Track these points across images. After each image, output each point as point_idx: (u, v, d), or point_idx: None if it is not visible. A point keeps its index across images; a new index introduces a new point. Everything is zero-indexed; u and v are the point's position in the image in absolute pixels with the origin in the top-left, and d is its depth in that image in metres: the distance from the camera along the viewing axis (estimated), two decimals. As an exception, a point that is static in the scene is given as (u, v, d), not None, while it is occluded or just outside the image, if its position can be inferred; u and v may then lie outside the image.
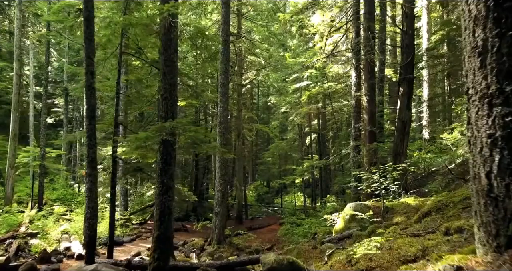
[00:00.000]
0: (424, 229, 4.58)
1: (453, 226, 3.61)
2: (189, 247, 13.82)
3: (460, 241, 3.14)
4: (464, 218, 4.39)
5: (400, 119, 12.61)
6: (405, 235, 4.33)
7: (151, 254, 6.70)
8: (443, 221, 4.88)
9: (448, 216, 5.01)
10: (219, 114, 14.67)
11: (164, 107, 7.07)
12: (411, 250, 3.35)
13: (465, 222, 3.52)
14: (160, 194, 6.91)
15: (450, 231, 3.59)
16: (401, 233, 4.61)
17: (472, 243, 2.80)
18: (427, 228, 4.60)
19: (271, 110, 39.47)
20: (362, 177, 9.43)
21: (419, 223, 5.57)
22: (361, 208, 8.60)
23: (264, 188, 34.59)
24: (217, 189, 14.51)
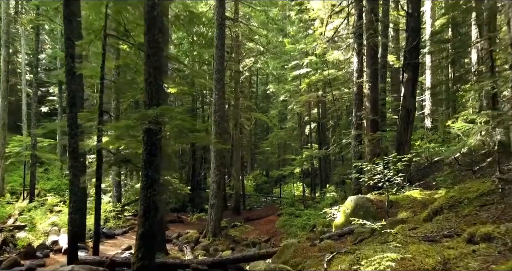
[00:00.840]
0: (438, 230, 4.00)
1: (479, 233, 3.02)
2: (183, 240, 13.32)
3: (492, 254, 2.57)
4: (487, 220, 3.80)
5: (404, 107, 11.97)
6: (417, 239, 3.75)
7: (135, 253, 6.15)
8: (459, 221, 4.30)
9: (464, 215, 4.42)
10: (214, 102, 14.03)
11: (148, 93, 6.43)
12: (429, 262, 2.78)
13: (494, 228, 2.94)
14: (145, 188, 6.32)
15: (475, 238, 3.01)
16: (411, 236, 4.03)
17: (509, 258, 2.19)
18: (441, 229, 4.02)
19: (270, 99, 38.75)
20: (364, 169, 8.83)
21: (429, 221, 4.99)
22: (363, 201, 8.03)
23: (263, 178, 34.09)
24: (213, 180, 13.95)
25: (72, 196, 7.62)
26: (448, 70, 22.93)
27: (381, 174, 8.23)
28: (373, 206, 7.88)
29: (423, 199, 7.47)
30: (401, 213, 7.15)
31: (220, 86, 13.89)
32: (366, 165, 8.75)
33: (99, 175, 8.52)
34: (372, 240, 6.06)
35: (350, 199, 8.38)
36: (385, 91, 18.61)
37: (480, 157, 10.41)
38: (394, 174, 8.39)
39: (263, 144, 28.57)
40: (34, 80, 19.60)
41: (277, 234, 16.85)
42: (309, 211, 17.48)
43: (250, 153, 35.91)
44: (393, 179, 8.50)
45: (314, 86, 23.35)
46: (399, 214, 7.14)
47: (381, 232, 6.09)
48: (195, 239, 13.39)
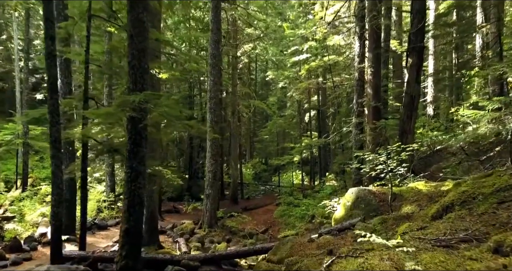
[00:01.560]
0: (452, 232, 3.51)
1: (508, 241, 2.53)
2: (178, 231, 12.92)
3: (531, 274, 2.11)
4: (509, 220, 3.31)
5: (408, 94, 11.41)
6: (429, 243, 3.27)
7: (119, 251, 5.70)
8: (474, 221, 3.81)
9: (480, 214, 3.94)
10: (209, 88, 13.46)
11: (132, 78, 5.89)
12: (449, 278, 2.31)
13: (529, 238, 2.45)
14: (129, 181, 5.83)
15: (503, 248, 2.52)
16: (422, 238, 3.55)
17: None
18: (455, 231, 3.53)
19: (270, 86, 38.10)
20: (366, 158, 8.33)
21: (439, 219, 4.51)
22: (365, 194, 7.56)
23: (262, 166, 33.67)
24: (208, 169, 13.48)
25: (54, 189, 7.13)
26: (452, 56, 22.27)
27: (383, 164, 7.74)
28: (375, 198, 7.42)
29: (429, 192, 6.99)
30: (405, 206, 6.68)
31: (215, 71, 13.30)
32: (368, 155, 8.25)
33: (84, 166, 8.04)
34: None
35: (351, 191, 7.92)
36: (387, 77, 18.01)
37: (487, 146, 9.92)
38: (398, 164, 7.90)
39: (262, 132, 28.07)
40: (25, 66, 18.94)
41: (275, 224, 16.48)
42: (307, 200, 17.08)
43: (249, 141, 35.43)
44: (396, 169, 8.03)
45: (314, 73, 22.74)
46: (403, 208, 6.67)
47: (385, 230, 5.63)
48: (190, 230, 12.99)
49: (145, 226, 10.47)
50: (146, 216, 10.44)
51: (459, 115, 19.50)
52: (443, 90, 24.40)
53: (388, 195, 7.37)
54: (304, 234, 13.34)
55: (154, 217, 10.56)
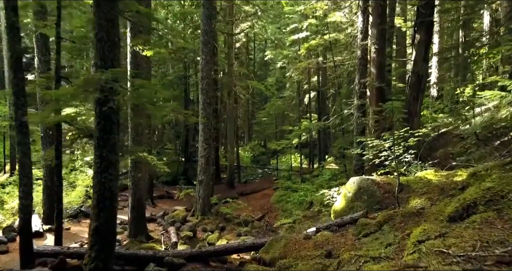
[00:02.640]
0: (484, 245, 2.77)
1: None
2: (169, 219, 12.27)
3: None
4: None
5: (415, 73, 10.57)
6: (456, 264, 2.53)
7: (88, 251, 5.01)
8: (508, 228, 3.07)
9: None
10: (201, 67, 12.55)
11: (99, 53, 5.04)
12: None
13: None
14: (99, 172, 5.07)
15: None
16: (444, 252, 2.81)
17: None
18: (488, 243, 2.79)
19: (269, 67, 36.99)
20: (370, 145, 7.56)
21: (459, 221, 3.77)
22: (368, 184, 6.82)
23: (261, 149, 32.96)
24: (201, 154, 12.74)
25: (22, 179, 6.39)
26: (459, 34, 21.17)
27: (388, 150, 6.98)
28: (379, 189, 6.69)
29: (440, 182, 6.25)
30: (413, 199, 5.95)
31: (207, 49, 12.37)
32: (371, 140, 7.48)
33: (58, 153, 7.27)
34: (380, 236, 4.88)
35: (352, 180, 7.18)
36: (391, 56, 17.04)
37: (501, 130, 9.12)
38: (404, 150, 7.16)
39: (260, 114, 27.19)
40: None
41: (272, 210, 15.87)
42: (306, 185, 16.42)
43: (248, 123, 34.65)
44: (402, 156, 7.28)
45: (313, 52, 21.72)
46: (411, 201, 5.94)
47: (393, 229, 4.91)
48: (182, 218, 12.35)
49: (130, 215, 9.84)
50: (133, 205, 9.78)
51: (465, 96, 18.63)
52: (448, 70, 23.43)
53: (394, 185, 6.63)
54: (302, 222, 12.75)
55: (141, 205, 9.89)
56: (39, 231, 9.81)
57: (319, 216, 11.55)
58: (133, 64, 9.50)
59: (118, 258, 6.69)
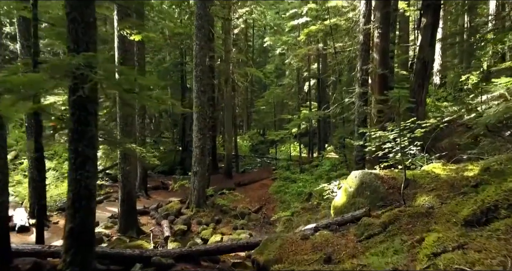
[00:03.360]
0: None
1: None
2: (162, 211, 11.84)
3: None
4: None
5: (420, 59, 10.00)
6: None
7: (63, 255, 4.55)
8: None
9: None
10: (195, 54, 11.96)
11: (72, 35, 4.49)
12: None
13: None
14: (74, 169, 4.58)
15: None
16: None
17: None
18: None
19: (268, 54, 36.23)
20: (372, 135, 7.05)
21: (477, 227, 3.29)
22: (371, 179, 6.33)
23: (259, 137, 32.46)
24: (195, 144, 12.24)
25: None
26: (464, 19, 20.43)
27: (393, 142, 6.47)
28: (382, 185, 6.20)
29: (449, 177, 5.76)
30: (420, 196, 5.46)
31: (202, 34, 11.75)
32: (374, 131, 6.96)
33: (38, 146, 6.76)
34: (385, 239, 4.41)
35: (354, 174, 6.68)
36: (394, 42, 16.40)
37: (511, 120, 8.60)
38: (409, 142, 6.65)
39: (258, 102, 26.57)
40: None
41: (270, 201, 15.45)
42: (305, 176, 15.97)
43: (246, 111, 34.07)
44: (407, 149, 6.78)
45: (313, 38, 21.03)
46: (418, 198, 5.46)
47: (399, 231, 4.43)
48: (177, 210, 11.92)
49: (120, 209, 9.40)
50: (122, 198, 9.33)
51: (470, 84, 18.02)
52: (452, 57, 22.79)
53: (399, 180, 6.15)
54: (301, 214, 12.33)
55: (131, 198, 9.43)
56: (25, 226, 9.38)
57: (318, 208, 11.11)
58: (121, 49, 8.93)
59: (103, 257, 6.27)
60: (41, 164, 7.02)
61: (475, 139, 9.16)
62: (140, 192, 14.40)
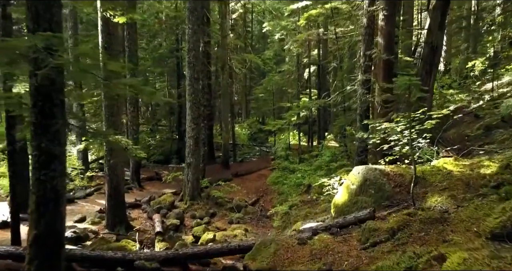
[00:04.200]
0: None
1: None
2: (155, 204, 11.31)
3: None
4: None
5: (429, 44, 9.32)
6: None
7: (25, 266, 4.01)
8: None
9: None
10: (188, 38, 11.25)
11: (31, 13, 3.83)
12: None
13: None
14: (37, 168, 3.98)
15: None
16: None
17: None
18: None
19: (267, 40, 35.33)
20: (378, 127, 6.44)
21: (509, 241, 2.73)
22: (375, 175, 5.75)
23: (258, 126, 31.81)
24: (189, 134, 11.65)
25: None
26: (471, 3, 19.56)
27: (399, 134, 5.87)
28: (388, 182, 5.62)
29: (463, 175, 5.19)
30: (432, 197, 4.90)
31: (195, 18, 11.02)
32: (379, 123, 6.35)
33: (11, 139, 6.16)
34: (394, 250, 3.85)
35: (357, 170, 6.10)
36: (399, 26, 15.62)
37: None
38: (417, 134, 6.06)
39: (257, 89, 25.83)
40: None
41: (268, 192, 14.95)
42: (304, 166, 15.41)
43: (245, 99, 33.37)
44: (415, 142, 6.18)
45: (314, 23, 20.20)
46: (429, 199, 4.89)
47: (410, 240, 3.87)
48: (169, 203, 11.39)
49: (108, 204, 8.87)
50: (109, 193, 8.78)
51: (476, 70, 17.26)
52: (458, 42, 21.99)
53: (407, 177, 5.57)
54: (299, 207, 11.80)
55: (119, 193, 8.89)
56: (6, 221, 8.84)
57: (317, 201, 10.59)
58: (105, 33, 8.24)
59: (83, 260, 5.74)
60: (23, 157, 6.47)
61: (487, 130, 8.56)
62: (133, 183, 13.89)
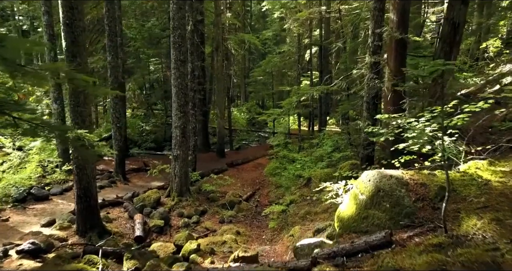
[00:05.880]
0: None
1: None
2: (138, 202, 10.20)
3: None
4: None
5: (449, 20, 7.98)
6: None
7: None
8: None
9: None
10: (172, 15, 9.92)
11: None
12: None
13: None
14: None
15: None
16: None
17: None
18: None
19: (266, 19, 33.64)
20: (391, 122, 5.23)
21: None
22: (391, 185, 4.57)
23: (258, 109, 30.52)
24: (175, 124, 10.45)
25: None
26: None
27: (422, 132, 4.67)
28: (408, 194, 4.44)
29: (506, 186, 4.01)
30: (468, 218, 3.73)
31: (180, -9, 9.65)
32: (394, 117, 5.14)
33: None
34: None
35: (367, 176, 4.91)
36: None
37: None
38: (439, 131, 4.86)
39: (255, 72, 24.42)
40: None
41: (264, 185, 13.86)
42: (304, 157, 14.25)
43: (244, 82, 31.99)
44: (439, 140, 4.97)
45: (316, 0, 18.72)
46: (463, 222, 3.73)
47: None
48: (155, 200, 10.28)
49: (77, 207, 7.75)
50: (78, 194, 7.66)
51: (491, 51, 15.85)
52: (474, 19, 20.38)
53: (431, 188, 4.41)
54: (298, 205, 10.69)
55: (90, 194, 7.74)
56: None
57: (317, 200, 9.51)
58: (66, 7, 6.94)
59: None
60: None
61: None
62: (117, 176, 12.78)
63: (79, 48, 7.26)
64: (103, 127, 20.58)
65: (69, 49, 7.15)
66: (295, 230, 7.70)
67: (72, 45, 7.17)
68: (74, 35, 7.14)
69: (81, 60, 7.27)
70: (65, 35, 7.13)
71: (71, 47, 7.17)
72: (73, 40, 7.16)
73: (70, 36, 7.13)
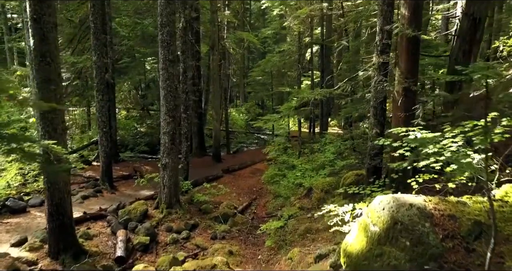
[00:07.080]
0: None
1: None
2: (123, 214, 9.33)
3: None
4: None
5: (468, 16, 7.12)
6: None
7: None
8: None
9: None
10: (160, 11, 9.02)
11: None
12: None
13: None
14: None
15: None
16: None
17: None
18: None
19: (266, 17, 32.80)
20: (405, 134, 4.34)
21: None
22: (411, 217, 3.68)
23: (257, 110, 29.64)
24: (163, 130, 9.58)
25: None
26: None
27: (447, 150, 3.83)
28: (434, 230, 3.55)
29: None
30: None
31: (167, -16, 8.77)
32: (412, 131, 4.26)
33: None
34: None
35: (380, 203, 4.01)
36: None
37: None
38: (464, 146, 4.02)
39: (253, 72, 23.52)
40: None
41: (262, 194, 13.01)
42: (304, 164, 13.34)
43: (243, 82, 31.17)
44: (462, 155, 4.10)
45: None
46: None
47: None
48: (141, 212, 9.40)
49: (48, 226, 6.90)
50: (50, 211, 6.81)
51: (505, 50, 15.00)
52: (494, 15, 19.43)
53: (462, 222, 3.56)
54: (297, 218, 9.81)
55: (64, 210, 6.90)
56: None
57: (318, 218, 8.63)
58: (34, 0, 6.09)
59: None
60: None
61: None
62: (103, 185, 11.90)
63: (49, 47, 6.41)
64: (94, 129, 19.73)
65: (37, 48, 6.30)
66: (294, 253, 6.84)
67: (41, 44, 6.32)
68: (43, 32, 6.29)
69: (51, 60, 6.42)
70: (33, 32, 6.29)
71: (40, 46, 6.32)
72: (42, 38, 6.31)
73: (39, 33, 6.28)
